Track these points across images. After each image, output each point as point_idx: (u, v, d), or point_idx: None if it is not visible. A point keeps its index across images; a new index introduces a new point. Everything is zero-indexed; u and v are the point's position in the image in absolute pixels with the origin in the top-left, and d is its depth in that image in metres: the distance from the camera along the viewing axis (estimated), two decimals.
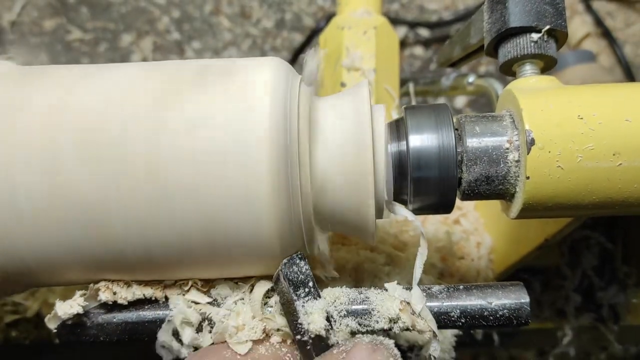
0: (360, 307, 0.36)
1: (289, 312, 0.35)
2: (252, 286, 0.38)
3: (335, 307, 0.36)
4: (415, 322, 0.36)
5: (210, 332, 0.37)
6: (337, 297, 0.37)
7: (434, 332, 0.36)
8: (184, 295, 0.37)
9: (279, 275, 0.35)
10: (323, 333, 0.35)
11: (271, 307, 0.37)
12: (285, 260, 0.35)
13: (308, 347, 0.35)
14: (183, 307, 0.37)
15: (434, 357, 0.36)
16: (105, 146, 0.33)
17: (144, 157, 0.33)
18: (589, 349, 0.73)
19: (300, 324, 0.35)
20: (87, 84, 0.35)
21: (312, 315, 0.34)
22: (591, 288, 0.64)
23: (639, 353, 0.76)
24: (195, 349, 0.37)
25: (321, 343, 0.35)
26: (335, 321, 0.36)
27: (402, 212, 0.39)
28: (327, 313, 0.35)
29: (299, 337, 0.35)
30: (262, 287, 0.37)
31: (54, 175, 0.33)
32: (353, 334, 0.36)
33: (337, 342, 0.35)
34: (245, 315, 0.36)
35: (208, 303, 0.37)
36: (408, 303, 0.36)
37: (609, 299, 0.64)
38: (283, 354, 0.35)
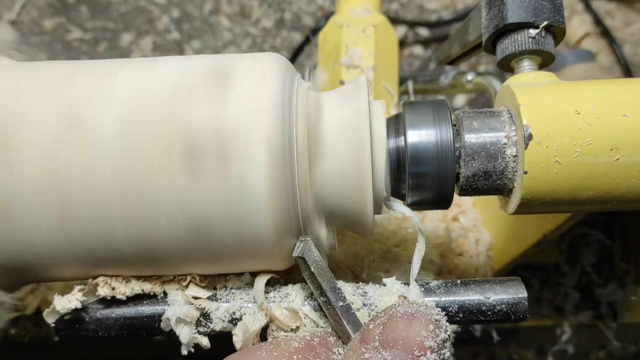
0: (359, 299, 0.37)
1: (325, 280, 0.35)
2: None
3: None
4: None
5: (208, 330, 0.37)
6: None
7: None
8: (182, 290, 0.37)
9: (309, 245, 0.36)
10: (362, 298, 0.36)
11: (273, 302, 0.37)
12: (301, 237, 0.36)
13: (352, 312, 0.35)
14: (181, 304, 0.37)
15: None
16: (104, 144, 0.33)
17: (143, 155, 0.33)
18: (587, 346, 0.73)
19: (339, 288, 0.35)
20: (91, 82, 0.35)
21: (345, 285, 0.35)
22: (590, 285, 0.64)
23: (638, 351, 0.76)
24: (195, 347, 0.37)
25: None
26: None
27: (400, 209, 0.39)
28: None
29: (341, 303, 0.35)
30: (263, 278, 0.37)
31: (54, 171, 0.33)
32: None
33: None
34: (248, 322, 0.37)
35: (207, 298, 0.37)
36: (406, 298, 0.36)
37: (608, 297, 0.64)
38: (316, 344, 0.34)
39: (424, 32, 1.17)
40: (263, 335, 0.37)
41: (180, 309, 0.36)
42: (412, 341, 0.30)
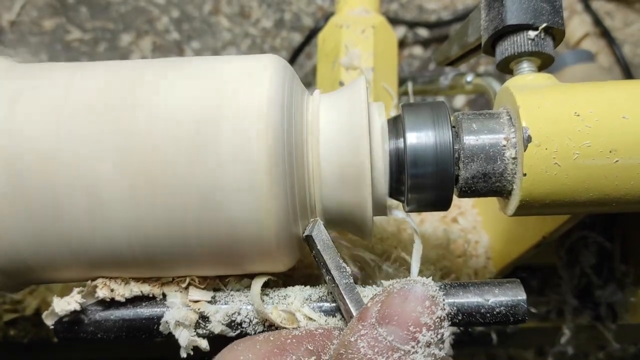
0: None
1: (331, 258, 0.35)
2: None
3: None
4: None
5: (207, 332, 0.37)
6: None
7: None
8: (181, 292, 0.37)
9: (317, 224, 0.36)
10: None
11: (271, 304, 0.37)
12: (312, 218, 0.37)
13: (356, 291, 0.35)
14: (180, 306, 0.37)
15: None
16: (102, 145, 0.33)
17: (140, 154, 0.33)
18: (587, 348, 0.73)
19: (345, 267, 0.35)
20: (83, 81, 0.35)
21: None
22: (589, 287, 0.64)
23: (637, 352, 0.76)
24: (194, 349, 0.37)
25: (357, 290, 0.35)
26: None
27: (395, 212, 0.39)
28: None
29: (345, 281, 0.35)
30: (259, 281, 0.37)
31: (52, 173, 0.33)
32: None
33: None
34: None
35: (207, 301, 0.37)
36: None
37: (607, 298, 0.64)
38: (317, 333, 0.34)
39: (423, 32, 1.17)
40: None
41: (179, 313, 0.36)
42: (407, 317, 0.30)
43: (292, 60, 1.11)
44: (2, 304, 0.60)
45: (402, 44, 1.16)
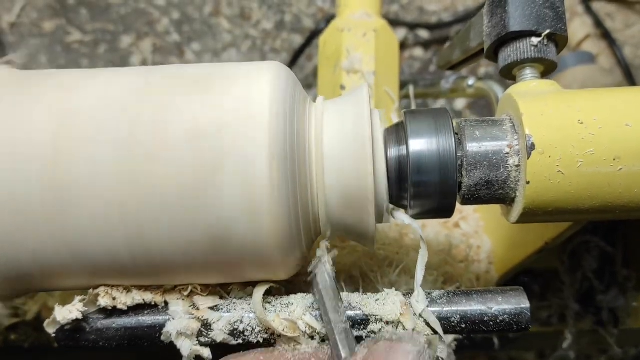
0: (360, 311, 0.36)
1: (330, 300, 0.35)
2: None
3: None
4: (417, 324, 0.36)
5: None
6: None
7: (439, 334, 0.36)
8: (183, 300, 0.37)
9: (322, 263, 0.36)
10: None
11: (273, 312, 0.37)
12: (319, 252, 0.37)
13: (351, 337, 0.35)
14: (182, 315, 0.37)
15: (442, 359, 0.36)
16: (105, 153, 0.33)
17: (142, 165, 0.33)
18: (589, 352, 0.73)
19: (344, 310, 0.35)
20: (89, 89, 0.35)
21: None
22: (591, 291, 0.64)
23: (638, 353, 0.76)
24: (196, 358, 0.37)
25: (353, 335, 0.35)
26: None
27: (401, 217, 0.39)
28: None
29: (341, 326, 0.35)
30: (261, 289, 0.37)
31: (54, 181, 0.33)
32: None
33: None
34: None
35: (209, 309, 0.37)
36: (406, 305, 0.36)
37: (609, 303, 0.64)
38: (309, 356, 0.35)
39: (424, 34, 1.17)
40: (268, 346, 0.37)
41: (181, 323, 0.36)
42: None
43: (293, 62, 1.11)
44: (2, 308, 0.60)
45: (402, 45, 1.16)
